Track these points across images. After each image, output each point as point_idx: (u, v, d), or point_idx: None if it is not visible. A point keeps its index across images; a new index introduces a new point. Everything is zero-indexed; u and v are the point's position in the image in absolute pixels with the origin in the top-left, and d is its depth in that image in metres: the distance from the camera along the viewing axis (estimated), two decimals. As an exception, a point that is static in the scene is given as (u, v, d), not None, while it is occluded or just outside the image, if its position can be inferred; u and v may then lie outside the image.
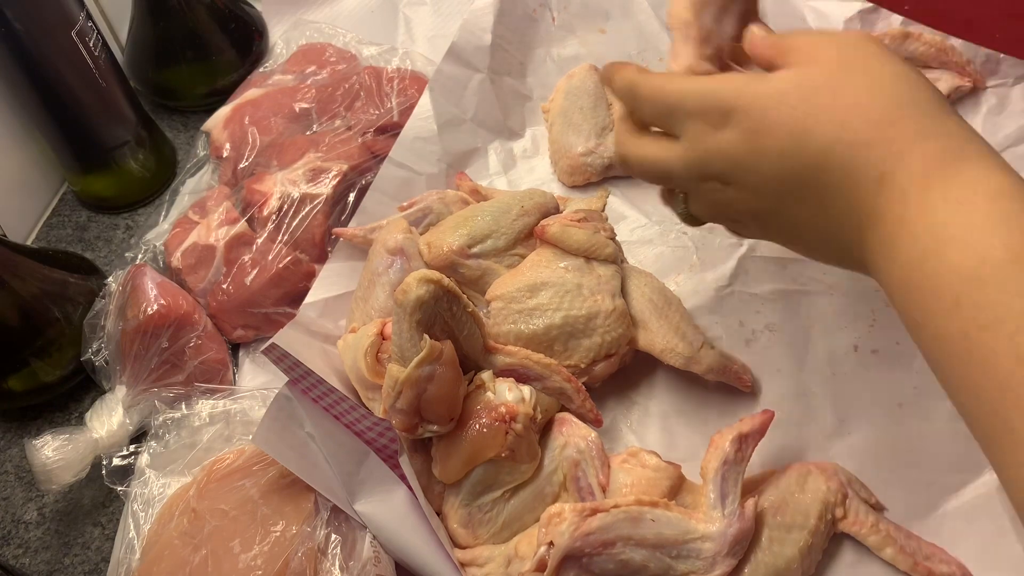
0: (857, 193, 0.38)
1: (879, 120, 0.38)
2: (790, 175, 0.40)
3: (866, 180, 0.38)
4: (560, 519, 0.45)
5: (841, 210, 0.39)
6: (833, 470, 0.51)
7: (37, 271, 0.58)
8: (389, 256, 0.56)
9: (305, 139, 0.67)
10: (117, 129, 0.69)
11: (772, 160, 0.40)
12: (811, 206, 0.41)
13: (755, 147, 0.41)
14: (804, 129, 0.39)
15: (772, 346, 0.59)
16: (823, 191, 0.40)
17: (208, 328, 0.60)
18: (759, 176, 0.41)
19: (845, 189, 0.39)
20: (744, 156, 0.41)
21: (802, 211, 0.41)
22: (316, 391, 0.50)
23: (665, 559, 0.45)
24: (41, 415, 0.62)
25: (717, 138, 0.42)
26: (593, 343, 0.53)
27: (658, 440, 0.56)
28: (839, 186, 0.39)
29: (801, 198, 0.41)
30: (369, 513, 0.49)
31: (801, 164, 0.39)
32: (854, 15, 0.76)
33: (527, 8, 0.76)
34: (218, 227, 0.63)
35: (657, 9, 0.77)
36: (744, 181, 0.42)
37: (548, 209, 0.59)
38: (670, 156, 0.44)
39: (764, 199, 0.42)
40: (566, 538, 0.44)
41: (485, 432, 0.48)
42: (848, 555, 0.51)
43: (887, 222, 0.37)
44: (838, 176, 0.39)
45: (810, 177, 0.40)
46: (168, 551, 0.49)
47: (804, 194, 0.40)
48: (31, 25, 0.59)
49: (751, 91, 0.41)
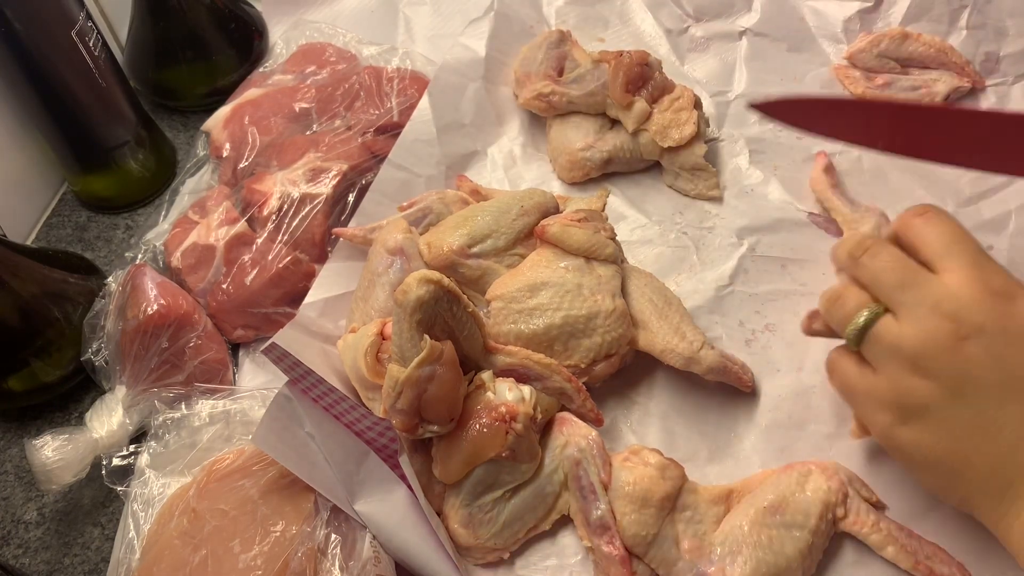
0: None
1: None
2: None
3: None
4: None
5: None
6: (834, 469, 0.51)
7: (37, 271, 0.58)
8: (389, 256, 0.56)
9: (305, 139, 0.67)
10: (117, 129, 0.69)
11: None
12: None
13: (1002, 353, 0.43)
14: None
15: (772, 346, 0.59)
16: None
17: (208, 328, 0.60)
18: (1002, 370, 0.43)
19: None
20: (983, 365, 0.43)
21: (1013, 412, 0.43)
22: (316, 391, 0.50)
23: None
24: (41, 415, 0.62)
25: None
26: (593, 343, 0.53)
27: (658, 440, 0.56)
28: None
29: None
30: (369, 513, 0.49)
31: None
32: (853, 15, 0.76)
33: (524, 24, 0.76)
34: (218, 227, 0.63)
35: (655, 13, 0.77)
36: (953, 375, 0.44)
37: (548, 209, 0.59)
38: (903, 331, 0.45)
39: (971, 394, 0.43)
40: None
41: (485, 432, 0.48)
42: (849, 554, 0.51)
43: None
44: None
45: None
46: (168, 551, 0.49)
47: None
48: (31, 25, 0.59)
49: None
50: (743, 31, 0.77)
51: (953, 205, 0.65)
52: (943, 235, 0.46)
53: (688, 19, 0.78)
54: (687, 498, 0.50)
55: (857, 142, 0.57)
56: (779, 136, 0.71)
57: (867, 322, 0.46)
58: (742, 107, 0.72)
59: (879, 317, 0.46)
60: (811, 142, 0.70)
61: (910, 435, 0.45)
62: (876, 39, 0.73)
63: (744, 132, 0.71)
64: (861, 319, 0.46)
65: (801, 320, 0.54)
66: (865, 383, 0.47)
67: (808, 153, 0.69)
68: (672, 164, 0.67)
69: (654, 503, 0.48)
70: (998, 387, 0.43)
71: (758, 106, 0.52)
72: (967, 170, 0.61)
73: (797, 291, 0.62)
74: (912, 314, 0.44)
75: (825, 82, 0.74)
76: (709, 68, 0.75)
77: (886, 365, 0.45)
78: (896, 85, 0.72)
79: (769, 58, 0.75)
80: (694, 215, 0.67)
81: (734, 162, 0.69)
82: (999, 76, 0.72)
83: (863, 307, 0.47)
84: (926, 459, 0.45)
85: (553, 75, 0.69)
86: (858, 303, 0.47)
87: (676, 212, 0.67)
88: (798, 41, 0.76)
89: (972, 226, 0.64)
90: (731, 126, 0.72)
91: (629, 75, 0.66)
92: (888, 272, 0.46)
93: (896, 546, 0.49)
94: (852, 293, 0.48)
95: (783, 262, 0.63)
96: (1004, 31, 0.73)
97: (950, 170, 0.68)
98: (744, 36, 0.76)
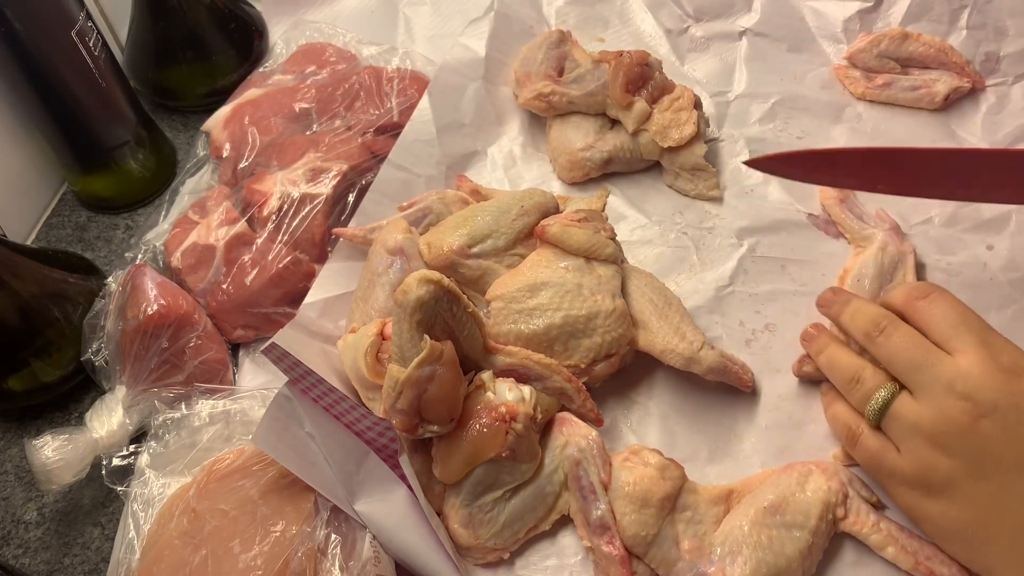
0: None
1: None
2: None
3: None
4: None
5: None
6: (834, 469, 0.51)
7: (37, 271, 0.58)
8: (389, 256, 0.56)
9: (305, 139, 0.67)
10: (117, 129, 0.69)
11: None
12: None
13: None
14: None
15: (772, 346, 0.59)
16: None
17: (208, 328, 0.60)
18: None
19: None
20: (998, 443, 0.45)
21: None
22: (316, 391, 0.50)
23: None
24: (41, 415, 0.62)
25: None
26: (593, 343, 0.53)
27: (658, 440, 0.56)
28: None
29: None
30: (369, 513, 0.49)
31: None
32: (853, 15, 0.76)
33: (524, 25, 0.76)
34: (218, 227, 0.63)
35: (655, 13, 0.77)
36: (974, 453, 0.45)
37: (548, 209, 0.59)
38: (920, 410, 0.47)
39: (991, 469, 0.45)
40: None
41: (485, 432, 0.48)
42: (849, 555, 0.51)
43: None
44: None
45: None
46: (168, 551, 0.49)
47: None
48: (31, 25, 0.59)
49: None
50: (743, 31, 0.77)
51: (953, 205, 0.65)
52: (948, 317, 0.48)
53: (688, 19, 0.78)
54: (687, 498, 0.50)
55: (859, 187, 0.59)
56: (779, 136, 0.71)
57: (885, 402, 0.48)
58: (742, 107, 0.73)
59: (896, 396, 0.48)
60: (811, 143, 0.70)
61: (936, 508, 0.47)
62: (876, 39, 0.73)
63: (744, 132, 0.71)
64: (880, 399, 0.48)
65: (802, 320, 0.54)
66: (889, 462, 0.49)
67: (808, 153, 0.69)
68: (672, 164, 0.67)
69: (654, 503, 0.48)
70: (1016, 462, 0.45)
71: (754, 163, 0.54)
72: (969, 202, 0.63)
73: (797, 291, 0.62)
74: (928, 394, 0.47)
75: (825, 82, 0.74)
76: (709, 68, 0.75)
77: (907, 443, 0.47)
78: (896, 85, 0.72)
79: (769, 58, 0.75)
80: (694, 215, 0.67)
81: (734, 162, 0.69)
82: (999, 76, 0.72)
83: (880, 386, 0.49)
84: (952, 530, 0.47)
85: (553, 75, 0.69)
86: (875, 382, 0.49)
87: (676, 212, 0.67)
88: (798, 41, 0.76)
89: (972, 226, 0.64)
90: (731, 126, 0.72)
91: (629, 75, 0.66)
92: (903, 352, 0.48)
93: (896, 547, 0.49)
94: (868, 373, 0.50)
95: (783, 262, 0.63)
96: (1004, 31, 0.73)
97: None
98: (744, 36, 0.76)
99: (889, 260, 0.60)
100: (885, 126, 0.71)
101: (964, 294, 0.61)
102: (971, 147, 0.68)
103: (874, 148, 0.60)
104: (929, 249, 0.63)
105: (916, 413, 0.47)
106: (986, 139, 0.69)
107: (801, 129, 0.71)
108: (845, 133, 0.71)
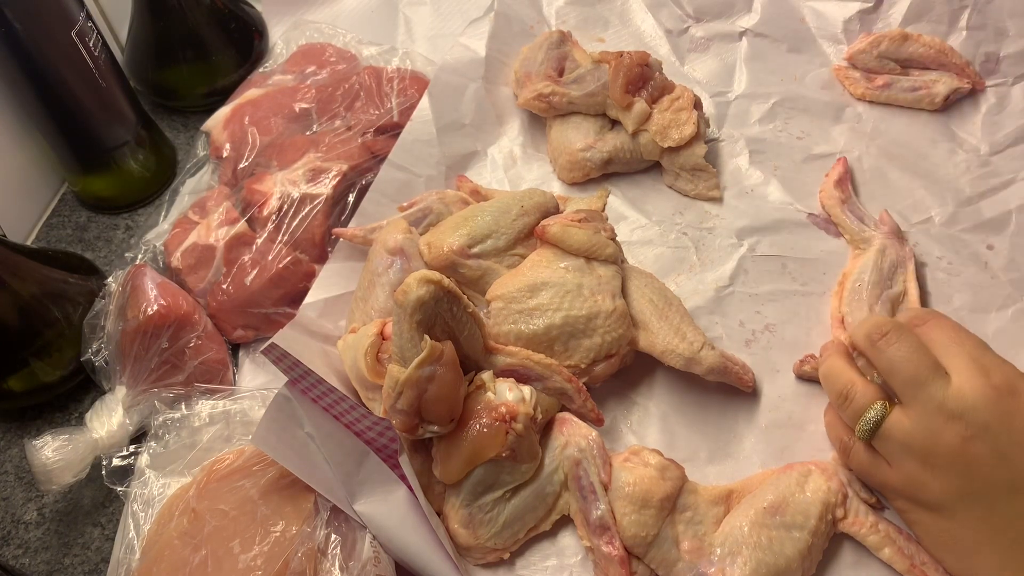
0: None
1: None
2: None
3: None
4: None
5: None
6: (834, 469, 0.51)
7: (37, 271, 0.58)
8: (389, 256, 0.56)
9: (305, 139, 0.67)
10: (117, 129, 0.69)
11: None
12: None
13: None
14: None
15: (772, 346, 0.59)
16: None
17: (208, 328, 0.60)
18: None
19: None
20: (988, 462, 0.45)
21: (1021, 506, 0.44)
22: (316, 391, 0.50)
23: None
24: (41, 415, 0.61)
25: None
26: (593, 343, 0.53)
27: (658, 440, 0.56)
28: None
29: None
30: (369, 513, 0.49)
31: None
32: (853, 15, 0.76)
33: (524, 25, 0.76)
34: (218, 227, 0.62)
35: (655, 13, 0.77)
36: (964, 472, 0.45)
37: (548, 209, 0.59)
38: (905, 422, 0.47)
39: (980, 490, 0.45)
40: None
41: (485, 432, 0.48)
42: (848, 555, 0.51)
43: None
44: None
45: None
46: (168, 551, 0.49)
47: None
48: (31, 25, 0.59)
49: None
50: (743, 31, 0.77)
51: (953, 205, 0.65)
52: (942, 337, 0.48)
53: (688, 19, 0.78)
54: (687, 499, 0.50)
55: None
56: (779, 136, 0.71)
57: (876, 423, 0.48)
58: (742, 107, 0.73)
59: (886, 417, 0.48)
60: (811, 142, 0.70)
61: (927, 519, 0.48)
62: (876, 40, 0.73)
63: (744, 132, 0.71)
64: (871, 416, 0.48)
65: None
66: (880, 476, 0.49)
67: (808, 153, 0.69)
68: (672, 164, 0.67)
69: (654, 504, 0.48)
70: (1006, 484, 0.45)
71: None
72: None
73: (797, 291, 0.62)
74: (920, 411, 0.46)
75: (825, 83, 0.74)
76: (709, 68, 0.75)
77: (898, 460, 0.48)
78: (896, 86, 0.72)
79: (769, 59, 0.75)
80: (694, 215, 0.67)
81: (734, 162, 0.69)
82: (999, 77, 0.72)
83: (870, 405, 0.49)
84: (942, 540, 0.47)
85: (553, 75, 0.69)
86: (866, 398, 0.49)
87: (676, 212, 0.67)
88: (798, 42, 0.76)
89: (972, 226, 0.65)
90: (731, 126, 0.72)
91: (629, 76, 0.66)
92: (905, 363, 0.48)
93: (893, 548, 0.49)
94: (859, 388, 0.50)
95: (783, 262, 0.63)
96: (1004, 32, 0.73)
97: (950, 169, 0.68)
98: (744, 36, 0.76)
99: (889, 265, 0.60)
100: (885, 127, 0.71)
101: (964, 294, 0.61)
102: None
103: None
104: (929, 249, 0.63)
105: (907, 434, 0.47)
106: (986, 140, 0.69)
107: (801, 129, 0.71)
108: (845, 133, 0.71)
